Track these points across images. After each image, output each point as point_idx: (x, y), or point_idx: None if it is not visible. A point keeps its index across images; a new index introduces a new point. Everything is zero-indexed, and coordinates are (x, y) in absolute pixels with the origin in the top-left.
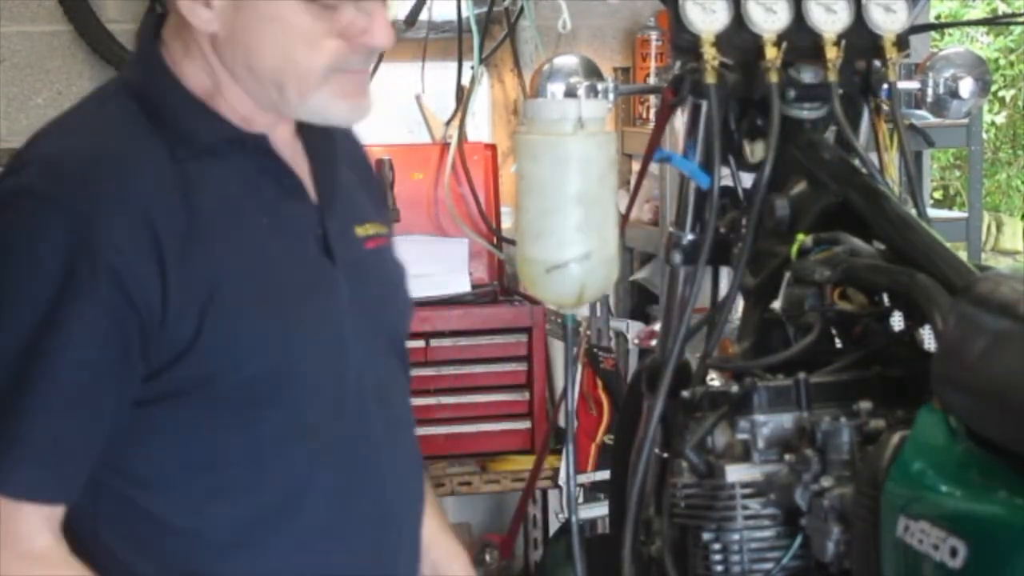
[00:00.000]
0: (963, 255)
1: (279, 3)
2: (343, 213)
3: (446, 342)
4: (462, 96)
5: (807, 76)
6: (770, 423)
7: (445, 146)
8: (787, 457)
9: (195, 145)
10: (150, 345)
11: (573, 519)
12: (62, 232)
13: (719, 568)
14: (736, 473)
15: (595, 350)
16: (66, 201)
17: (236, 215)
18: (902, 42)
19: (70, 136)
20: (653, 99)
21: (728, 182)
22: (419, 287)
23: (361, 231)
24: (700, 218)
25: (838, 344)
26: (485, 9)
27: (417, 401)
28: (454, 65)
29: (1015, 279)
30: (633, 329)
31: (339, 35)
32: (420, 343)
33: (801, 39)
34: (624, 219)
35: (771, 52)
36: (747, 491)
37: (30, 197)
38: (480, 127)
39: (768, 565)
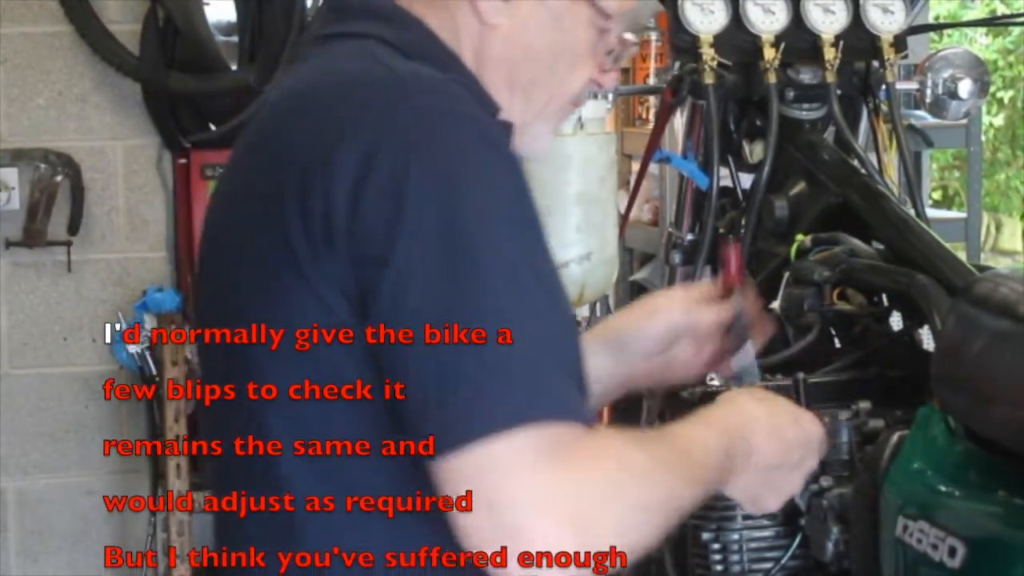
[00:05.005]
0: (962, 255)
1: (571, 3)
2: None
3: None
4: None
5: (806, 77)
6: None
7: None
8: None
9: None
10: None
11: None
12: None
13: (719, 568)
14: None
15: None
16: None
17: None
18: (900, 43)
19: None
20: (653, 99)
21: (728, 182)
22: None
23: None
24: (699, 218)
25: (838, 344)
26: None
27: None
28: None
29: (1014, 279)
30: None
31: (596, 62)
32: None
33: (799, 40)
34: (624, 219)
35: (769, 53)
36: None
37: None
38: None
39: (768, 565)
